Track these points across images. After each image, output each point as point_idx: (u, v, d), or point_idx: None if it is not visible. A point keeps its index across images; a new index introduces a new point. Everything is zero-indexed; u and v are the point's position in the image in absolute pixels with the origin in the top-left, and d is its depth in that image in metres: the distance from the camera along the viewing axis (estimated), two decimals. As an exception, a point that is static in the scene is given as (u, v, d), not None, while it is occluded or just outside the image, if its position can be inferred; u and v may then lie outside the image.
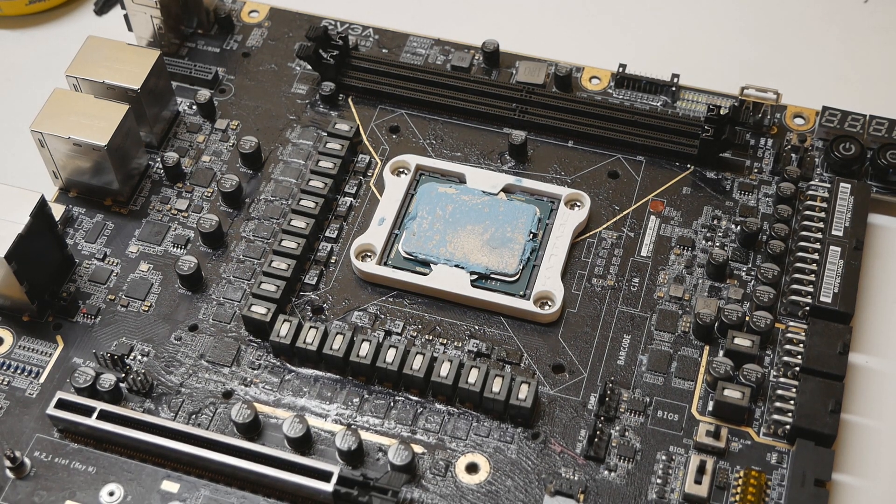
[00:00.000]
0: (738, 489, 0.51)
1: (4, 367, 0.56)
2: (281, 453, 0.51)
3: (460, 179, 0.61)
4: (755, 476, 0.51)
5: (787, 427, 0.53)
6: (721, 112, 0.60)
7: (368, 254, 0.58)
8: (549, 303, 0.56)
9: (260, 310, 0.56)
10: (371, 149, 0.63)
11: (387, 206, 0.60)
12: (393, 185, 0.61)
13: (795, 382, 0.53)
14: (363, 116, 0.64)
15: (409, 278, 0.57)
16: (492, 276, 0.57)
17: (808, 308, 0.56)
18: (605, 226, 0.60)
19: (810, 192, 0.59)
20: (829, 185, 0.59)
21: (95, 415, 0.53)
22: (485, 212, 0.59)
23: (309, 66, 0.66)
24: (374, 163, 0.62)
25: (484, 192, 0.60)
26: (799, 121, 0.63)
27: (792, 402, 0.53)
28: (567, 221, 0.59)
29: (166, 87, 0.63)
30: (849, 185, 0.59)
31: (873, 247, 0.60)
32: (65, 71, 0.61)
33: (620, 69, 0.65)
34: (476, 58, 0.66)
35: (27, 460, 0.53)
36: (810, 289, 0.56)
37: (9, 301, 0.57)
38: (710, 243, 0.59)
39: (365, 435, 0.53)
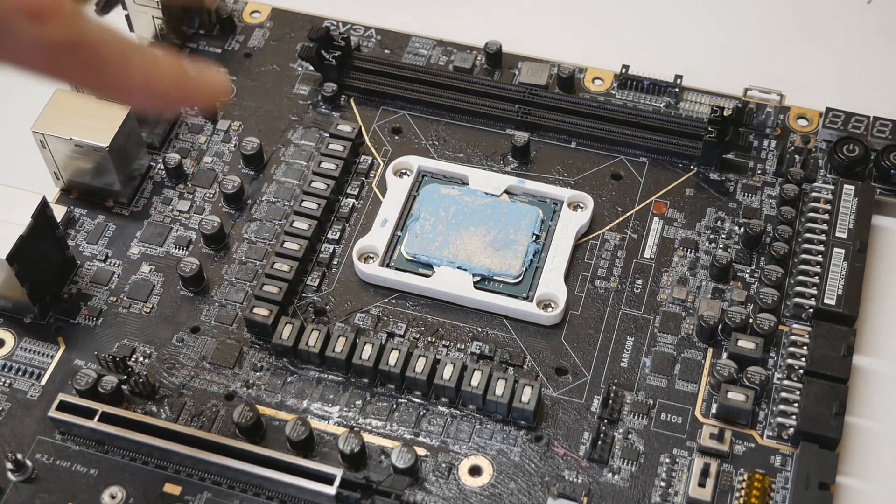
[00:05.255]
0: (742, 492, 0.51)
1: (6, 369, 0.56)
2: (283, 456, 0.51)
3: (463, 181, 0.61)
4: (759, 479, 0.51)
5: (791, 430, 0.52)
6: (724, 113, 0.60)
7: (371, 256, 0.58)
8: (552, 305, 0.56)
9: (262, 312, 0.56)
10: (373, 150, 0.63)
11: (389, 208, 0.59)
12: (395, 186, 0.60)
13: (799, 385, 0.53)
14: (365, 117, 0.64)
15: (411, 280, 0.57)
16: (494, 278, 0.57)
17: (811, 310, 0.56)
18: (608, 227, 0.59)
19: (814, 194, 0.59)
20: (832, 187, 0.59)
21: (97, 417, 0.53)
22: (487, 213, 0.59)
23: (311, 67, 0.66)
24: (377, 164, 0.62)
25: (486, 193, 0.60)
26: (802, 122, 0.63)
27: (796, 404, 0.53)
28: (570, 223, 0.59)
29: (168, 88, 0.63)
30: (852, 187, 0.59)
31: (877, 249, 0.60)
32: (66, 72, 0.60)
33: (623, 70, 0.64)
34: (478, 59, 0.66)
35: (29, 462, 0.53)
36: (814, 291, 0.56)
37: (10, 302, 0.57)
38: (713, 245, 0.58)
39: (368, 437, 0.53)
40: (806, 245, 0.57)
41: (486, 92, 0.64)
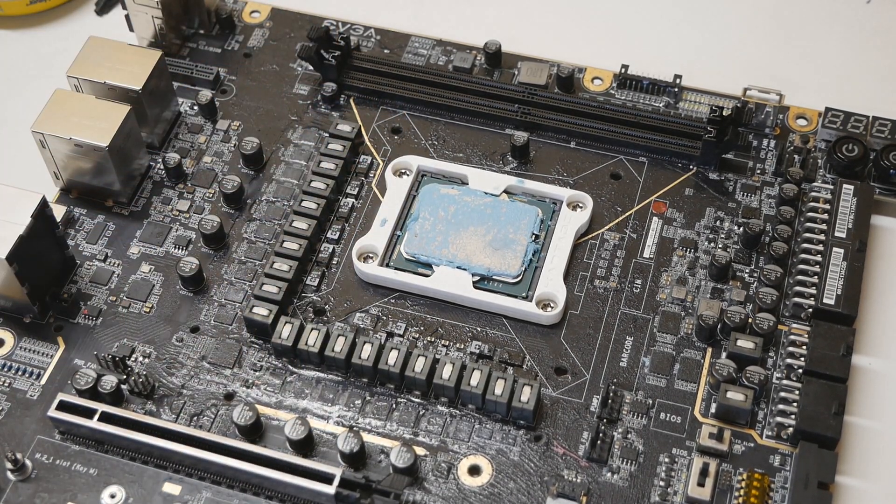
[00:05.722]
0: (741, 492, 0.51)
1: (5, 369, 0.56)
2: (283, 455, 0.51)
3: (462, 180, 0.61)
4: (758, 479, 0.51)
5: (791, 429, 0.52)
6: (724, 113, 0.60)
7: (370, 255, 0.58)
8: (552, 304, 0.56)
9: (262, 311, 0.56)
10: (373, 150, 0.63)
11: (389, 208, 0.60)
12: (395, 186, 0.60)
13: (798, 385, 0.53)
14: (365, 117, 0.64)
15: (411, 280, 0.57)
16: (494, 277, 0.57)
17: (811, 310, 0.56)
18: (607, 227, 0.59)
19: (813, 194, 0.59)
20: (831, 187, 0.59)
21: (97, 417, 0.53)
22: (487, 213, 0.59)
23: (310, 67, 0.66)
24: (376, 164, 0.62)
25: (486, 193, 0.60)
26: (802, 122, 0.63)
27: (795, 404, 0.53)
28: (569, 223, 0.59)
29: (167, 88, 0.63)
30: (852, 187, 0.59)
31: (876, 248, 0.60)
32: (66, 71, 0.61)
33: (623, 70, 0.64)
34: (478, 58, 0.66)
35: (28, 462, 0.53)
36: (813, 290, 0.56)
37: (10, 302, 0.57)
38: (712, 245, 0.59)
39: (367, 437, 0.53)
40: (805, 245, 0.57)
41: (485, 92, 0.64)
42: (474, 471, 0.52)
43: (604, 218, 0.60)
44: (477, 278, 0.57)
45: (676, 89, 0.64)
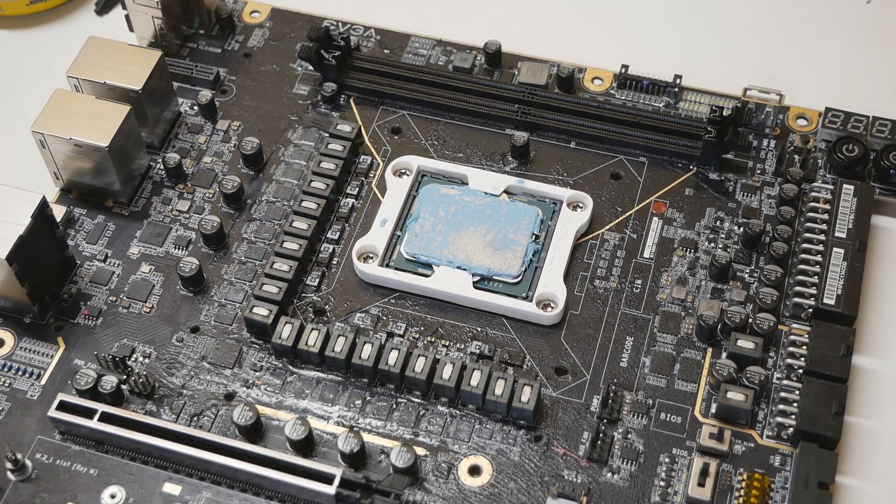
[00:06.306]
0: (742, 492, 0.51)
1: (5, 369, 0.56)
2: (283, 456, 0.51)
3: (462, 180, 0.61)
4: (758, 479, 0.51)
5: (791, 429, 0.52)
6: (724, 113, 0.60)
7: (370, 255, 0.58)
8: (552, 305, 0.56)
9: (262, 311, 0.56)
10: (373, 150, 0.63)
11: (389, 208, 0.60)
12: (395, 186, 0.60)
13: (799, 385, 0.53)
14: (365, 117, 0.64)
15: (411, 280, 0.57)
16: (494, 277, 0.57)
17: (811, 310, 0.56)
18: (607, 227, 0.59)
19: (813, 194, 0.59)
20: (832, 187, 0.59)
21: (97, 417, 0.53)
22: (487, 213, 0.59)
23: (310, 67, 0.66)
24: (376, 164, 0.62)
25: (486, 193, 0.60)
26: (802, 122, 0.63)
27: (795, 404, 0.53)
28: (569, 223, 0.59)
29: (167, 88, 0.63)
30: (852, 187, 0.59)
31: (876, 248, 0.60)
32: (66, 71, 0.61)
33: (623, 70, 0.64)
34: (478, 58, 0.66)
35: (28, 462, 0.53)
36: (813, 291, 0.56)
37: (10, 302, 0.57)
38: (712, 245, 0.59)
39: (367, 437, 0.53)
40: (805, 245, 0.57)
41: (485, 92, 0.64)
42: (474, 471, 0.52)
43: (604, 218, 0.60)
44: (477, 278, 0.57)
45: (676, 89, 0.64)
